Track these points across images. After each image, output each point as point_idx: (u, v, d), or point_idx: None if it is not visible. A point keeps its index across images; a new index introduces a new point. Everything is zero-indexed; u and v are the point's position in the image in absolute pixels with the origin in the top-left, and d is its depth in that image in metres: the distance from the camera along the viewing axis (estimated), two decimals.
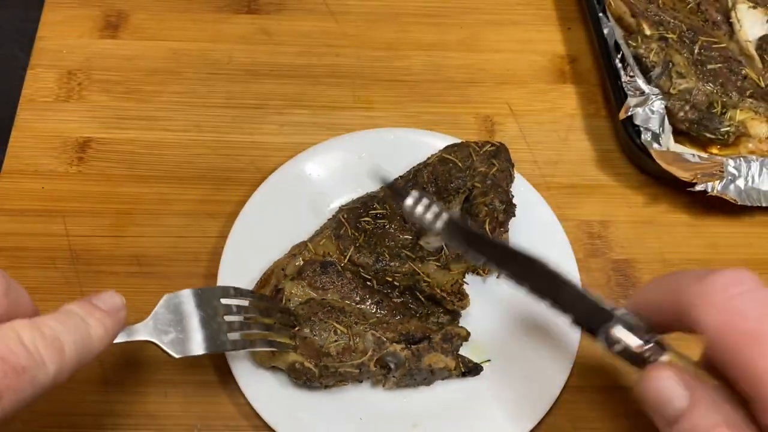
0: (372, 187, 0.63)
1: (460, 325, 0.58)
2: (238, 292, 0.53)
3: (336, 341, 0.53)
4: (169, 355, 0.47)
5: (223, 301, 0.51)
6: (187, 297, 0.49)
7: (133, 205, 0.66)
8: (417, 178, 0.63)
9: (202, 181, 0.67)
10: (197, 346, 0.48)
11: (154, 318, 0.48)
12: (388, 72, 0.75)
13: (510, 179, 0.63)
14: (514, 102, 0.74)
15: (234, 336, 0.50)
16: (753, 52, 0.75)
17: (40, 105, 0.71)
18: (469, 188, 0.62)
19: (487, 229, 0.59)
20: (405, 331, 0.55)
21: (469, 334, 0.57)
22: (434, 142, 0.66)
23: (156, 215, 0.65)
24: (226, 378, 0.56)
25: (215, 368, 0.57)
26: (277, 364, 0.54)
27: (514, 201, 0.62)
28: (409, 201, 0.47)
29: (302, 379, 0.53)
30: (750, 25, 0.76)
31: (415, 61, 0.76)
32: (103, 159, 0.68)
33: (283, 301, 0.56)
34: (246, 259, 0.60)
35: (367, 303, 0.57)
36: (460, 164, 0.63)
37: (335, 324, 0.54)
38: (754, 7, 0.77)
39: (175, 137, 0.70)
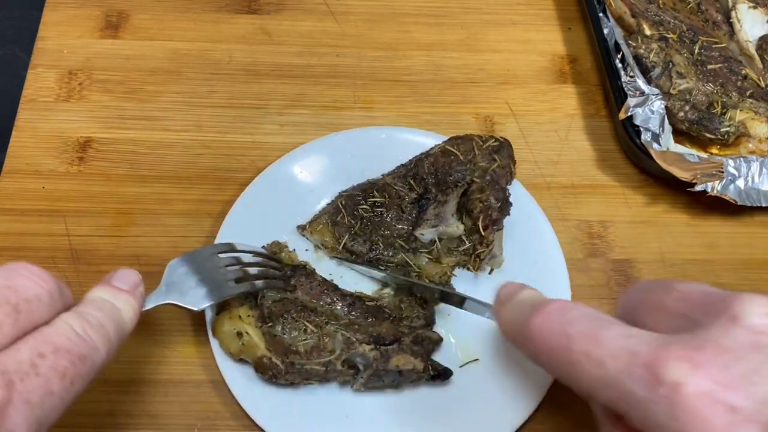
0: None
1: (434, 330, 0.58)
2: (230, 247, 0.57)
3: (305, 340, 0.54)
4: (190, 311, 0.52)
5: (221, 256, 0.56)
6: (187, 259, 0.54)
7: (134, 205, 0.66)
8: (418, 168, 0.63)
9: (202, 181, 0.67)
10: (207, 298, 0.53)
11: (166, 284, 0.52)
12: (389, 72, 0.75)
13: (510, 176, 0.63)
14: (514, 102, 0.74)
15: (232, 283, 0.55)
16: (753, 52, 0.75)
17: (41, 105, 0.71)
18: (468, 182, 0.62)
19: (480, 225, 0.59)
20: (376, 333, 0.55)
21: (441, 339, 0.57)
22: (426, 141, 0.66)
23: (156, 215, 0.65)
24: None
25: (215, 368, 0.57)
26: (246, 357, 0.55)
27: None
28: None
29: (268, 374, 0.53)
30: (750, 25, 0.77)
31: (416, 61, 0.77)
32: (104, 159, 0.68)
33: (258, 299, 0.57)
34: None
35: (339, 305, 0.57)
36: (461, 157, 0.63)
37: (306, 323, 0.55)
38: (755, 7, 0.77)
39: (176, 137, 0.70)
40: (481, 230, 0.59)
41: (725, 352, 0.32)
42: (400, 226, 0.61)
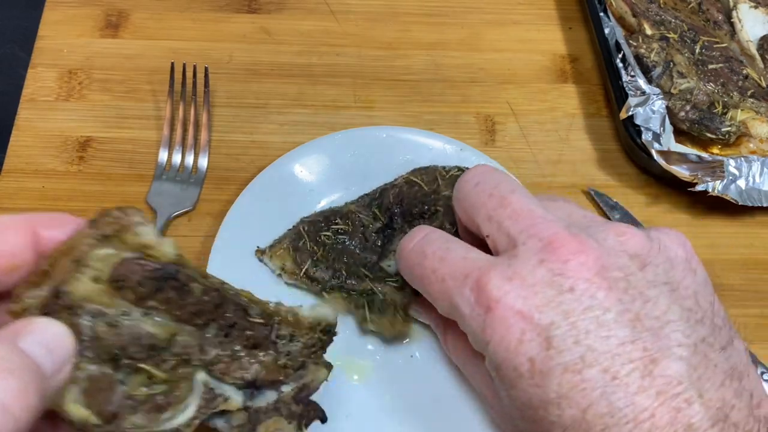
0: (361, 186, 0.63)
1: (325, 360, 0.44)
2: None
3: (145, 394, 0.35)
4: None
5: None
6: None
7: (134, 205, 0.66)
8: (383, 197, 0.62)
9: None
10: None
11: None
12: (389, 71, 0.75)
13: None
14: (515, 101, 0.74)
15: None
16: (754, 51, 0.75)
17: (41, 104, 0.71)
18: (433, 212, 0.61)
19: None
20: (251, 372, 0.39)
21: (330, 368, 0.44)
22: (426, 141, 0.66)
23: None
24: None
25: None
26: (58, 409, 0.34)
27: None
28: None
29: None
30: (751, 24, 0.76)
31: (416, 60, 0.76)
32: (104, 158, 0.68)
33: (63, 310, 0.34)
34: (233, 259, 0.59)
35: (212, 328, 0.38)
36: (425, 188, 0.62)
37: (149, 368, 0.35)
38: (756, 7, 0.77)
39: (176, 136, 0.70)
40: None
41: (529, 285, 0.40)
42: (363, 255, 0.60)
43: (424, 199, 0.61)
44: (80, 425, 0.33)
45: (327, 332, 0.43)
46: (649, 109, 0.67)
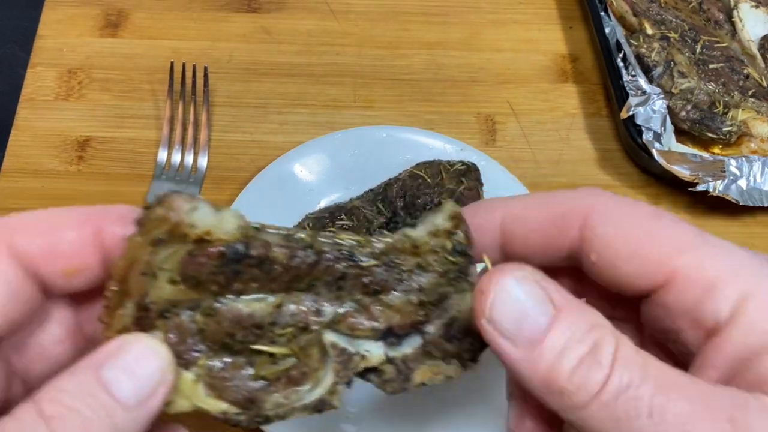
0: (361, 186, 0.63)
1: (469, 281, 0.34)
2: None
3: (274, 371, 0.33)
4: None
5: None
6: None
7: (134, 205, 0.65)
8: (386, 192, 0.63)
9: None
10: None
11: None
12: (389, 71, 0.75)
13: (477, 198, 0.63)
14: (516, 101, 0.74)
15: None
16: (755, 51, 0.74)
17: (40, 104, 0.71)
18: (436, 204, 0.62)
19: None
20: (382, 320, 0.34)
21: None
22: (427, 141, 0.66)
23: None
24: None
25: None
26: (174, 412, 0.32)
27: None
28: None
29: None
30: (752, 24, 0.76)
31: (416, 60, 0.76)
32: (103, 158, 0.68)
33: (157, 319, 0.32)
34: None
35: (319, 287, 0.33)
36: (429, 180, 0.62)
37: (264, 347, 0.33)
38: (757, 7, 0.77)
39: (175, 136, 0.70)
40: None
41: None
42: None
43: (428, 191, 0.62)
44: (223, 418, 0.32)
45: (460, 252, 0.34)
46: (649, 109, 0.67)
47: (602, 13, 0.75)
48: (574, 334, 0.28)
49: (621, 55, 0.71)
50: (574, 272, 0.35)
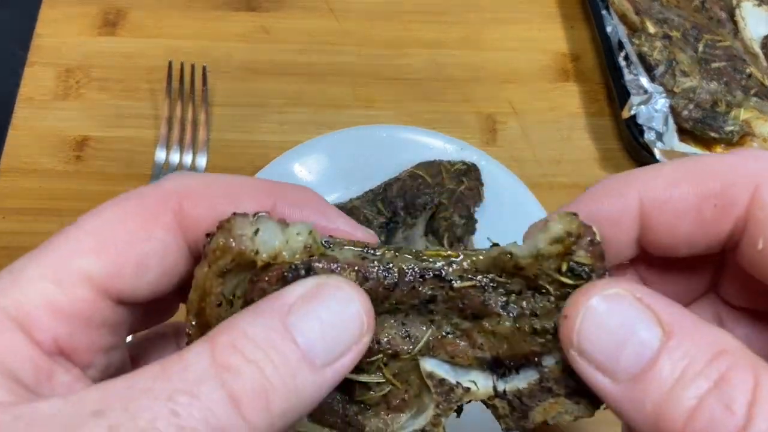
0: (361, 186, 0.63)
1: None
2: None
3: (373, 397, 0.31)
4: None
5: None
6: None
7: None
8: (386, 192, 0.63)
9: None
10: None
11: None
12: (389, 70, 0.75)
13: (478, 198, 0.63)
14: (517, 100, 0.74)
15: None
16: (758, 50, 0.74)
17: (38, 103, 0.70)
18: (436, 204, 0.62)
19: (446, 243, 0.59)
20: (486, 348, 0.30)
21: None
22: (427, 140, 0.66)
23: None
24: None
25: None
26: None
27: (507, 201, 0.62)
28: None
29: None
30: (754, 23, 0.76)
31: (417, 59, 0.76)
32: (101, 157, 0.68)
33: None
34: None
35: (406, 310, 0.30)
36: (429, 180, 0.62)
37: (351, 376, 0.29)
38: (759, 5, 0.77)
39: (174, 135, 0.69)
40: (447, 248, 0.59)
41: None
42: None
43: (428, 190, 0.62)
44: None
45: (579, 274, 0.28)
46: (651, 108, 0.66)
47: (604, 12, 0.74)
48: (693, 363, 0.21)
49: (623, 54, 0.71)
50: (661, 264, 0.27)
